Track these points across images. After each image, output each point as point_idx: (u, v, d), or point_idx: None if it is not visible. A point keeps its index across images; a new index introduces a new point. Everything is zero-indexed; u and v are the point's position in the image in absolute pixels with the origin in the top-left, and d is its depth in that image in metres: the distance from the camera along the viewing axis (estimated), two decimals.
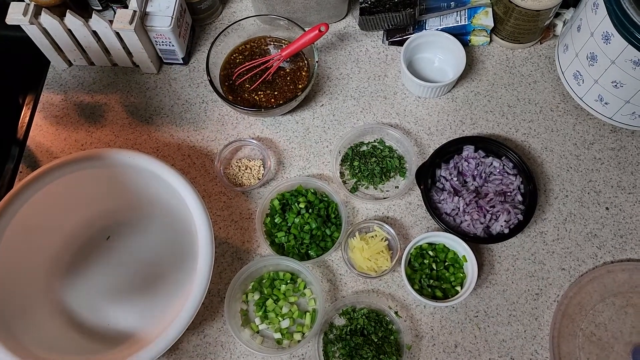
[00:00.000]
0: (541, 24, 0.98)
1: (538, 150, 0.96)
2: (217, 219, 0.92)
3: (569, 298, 0.85)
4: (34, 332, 0.79)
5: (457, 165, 0.92)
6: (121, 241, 0.90)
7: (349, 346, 0.82)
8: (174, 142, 0.98)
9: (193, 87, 1.03)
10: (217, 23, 1.08)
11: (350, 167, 0.95)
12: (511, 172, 0.90)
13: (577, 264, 0.88)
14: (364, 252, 0.87)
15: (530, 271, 0.88)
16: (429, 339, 0.84)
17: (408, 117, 0.99)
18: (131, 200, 0.89)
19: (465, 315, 0.86)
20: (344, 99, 1.01)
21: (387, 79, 1.02)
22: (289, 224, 0.88)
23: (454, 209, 0.88)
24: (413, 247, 0.87)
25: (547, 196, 0.93)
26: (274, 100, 0.97)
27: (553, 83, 1.01)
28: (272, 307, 0.85)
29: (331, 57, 1.04)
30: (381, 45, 1.05)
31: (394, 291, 0.87)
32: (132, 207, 0.90)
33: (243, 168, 0.94)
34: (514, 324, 0.85)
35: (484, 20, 1.00)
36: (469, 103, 1.00)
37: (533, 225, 0.91)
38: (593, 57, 0.87)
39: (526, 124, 0.98)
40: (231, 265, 0.90)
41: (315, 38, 0.92)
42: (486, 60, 1.03)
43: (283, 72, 0.99)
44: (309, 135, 0.98)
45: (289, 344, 0.84)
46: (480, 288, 0.87)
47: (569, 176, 0.94)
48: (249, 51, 1.00)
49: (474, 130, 0.98)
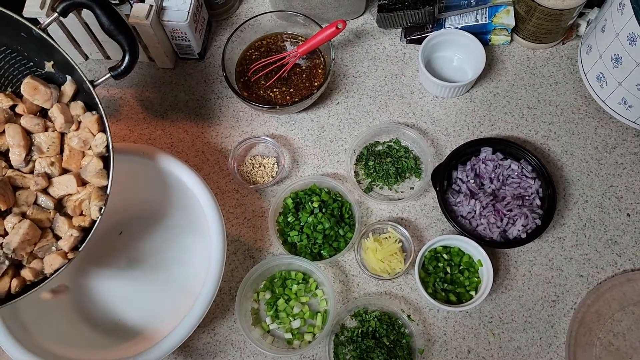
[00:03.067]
0: (564, 24, 0.95)
1: (558, 153, 0.94)
2: (229, 216, 0.92)
3: (587, 306, 0.83)
4: (46, 326, 0.79)
5: (474, 167, 0.90)
6: (133, 237, 0.90)
7: (360, 348, 0.81)
8: (188, 137, 0.98)
9: (208, 82, 1.02)
10: (234, 18, 1.07)
11: (365, 166, 0.94)
12: (530, 176, 0.88)
13: (596, 271, 0.86)
14: (377, 253, 0.85)
15: (547, 277, 0.86)
16: (442, 343, 0.83)
17: (425, 117, 0.97)
18: (144, 195, 0.88)
19: (479, 321, 0.84)
20: (360, 98, 0.99)
21: (404, 77, 1.01)
22: (302, 223, 0.88)
23: (470, 212, 0.87)
24: (427, 250, 0.85)
25: (566, 201, 0.91)
26: (289, 97, 0.96)
27: (575, 85, 0.98)
28: (284, 307, 0.84)
29: (348, 54, 1.03)
30: (399, 43, 1.03)
31: (407, 294, 0.86)
32: (145, 202, 0.89)
33: (257, 166, 0.94)
34: (530, 330, 0.83)
35: (505, 19, 0.98)
36: (488, 104, 0.98)
37: (551, 230, 0.89)
38: (618, 59, 0.85)
39: (546, 126, 0.96)
40: (243, 263, 0.89)
41: (333, 35, 0.91)
42: (506, 60, 1.01)
43: (299, 69, 0.98)
44: (324, 134, 0.97)
45: (299, 344, 0.83)
46: (495, 293, 0.85)
47: (590, 181, 0.92)
48: (265, 47, 0.99)
49: (492, 131, 0.96)
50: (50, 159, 0.70)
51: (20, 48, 0.69)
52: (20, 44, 0.70)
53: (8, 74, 0.71)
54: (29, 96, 0.69)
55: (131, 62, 0.73)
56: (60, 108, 0.70)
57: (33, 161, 0.70)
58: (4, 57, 0.70)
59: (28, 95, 0.69)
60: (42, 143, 0.70)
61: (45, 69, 0.70)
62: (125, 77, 0.74)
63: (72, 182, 0.69)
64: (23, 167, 0.70)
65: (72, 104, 0.71)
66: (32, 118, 0.69)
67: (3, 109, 0.69)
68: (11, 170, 0.70)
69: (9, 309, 0.75)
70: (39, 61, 0.70)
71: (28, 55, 0.69)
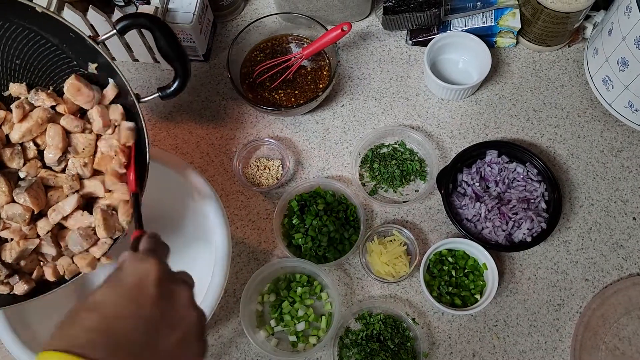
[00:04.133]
0: (570, 27, 0.95)
1: (564, 156, 0.94)
2: (234, 218, 0.92)
3: (592, 310, 0.83)
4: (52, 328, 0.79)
5: (480, 170, 0.90)
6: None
7: (365, 351, 0.81)
8: (192, 139, 0.98)
9: (213, 84, 1.02)
10: (239, 20, 1.07)
11: (370, 169, 0.93)
12: (535, 179, 0.88)
13: (602, 275, 0.86)
14: (382, 256, 0.85)
15: (552, 281, 0.86)
16: (446, 347, 0.83)
17: (430, 119, 0.97)
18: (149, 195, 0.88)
19: (484, 324, 0.84)
20: (365, 100, 0.99)
21: (409, 80, 1.00)
22: (306, 225, 0.87)
23: (475, 215, 0.87)
24: (432, 253, 0.85)
25: (571, 204, 0.90)
26: (294, 99, 0.96)
27: (581, 88, 0.98)
28: (288, 310, 0.84)
29: (353, 56, 1.03)
30: (404, 45, 1.03)
31: (412, 297, 0.86)
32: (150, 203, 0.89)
33: (262, 168, 0.94)
34: (535, 334, 0.83)
35: (511, 22, 0.97)
36: (493, 106, 0.98)
37: (556, 233, 0.88)
38: (624, 62, 0.85)
39: (552, 129, 0.95)
40: (247, 265, 0.89)
41: (338, 37, 0.91)
42: (512, 63, 1.01)
43: (304, 71, 0.98)
44: (328, 136, 0.97)
45: (304, 347, 0.83)
46: (500, 297, 0.85)
47: (595, 184, 0.91)
48: (270, 49, 0.99)
49: (497, 134, 0.96)
50: (83, 160, 0.70)
51: (66, 47, 0.68)
52: (67, 43, 0.69)
53: (50, 71, 0.70)
54: (71, 96, 0.69)
55: (181, 87, 0.74)
56: (100, 111, 0.69)
57: (66, 160, 0.70)
58: (49, 54, 0.69)
59: (70, 95, 0.69)
60: (78, 144, 0.70)
61: (88, 70, 0.69)
62: (171, 99, 0.76)
63: (100, 187, 0.70)
64: (55, 165, 0.70)
65: (112, 106, 0.70)
66: (73, 120, 0.69)
67: (45, 108, 0.69)
68: (44, 170, 0.70)
69: (15, 312, 0.75)
70: (82, 62, 0.69)
71: (73, 55, 0.69)
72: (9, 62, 0.69)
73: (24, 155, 0.69)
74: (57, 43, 0.68)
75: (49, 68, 0.70)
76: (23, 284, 0.67)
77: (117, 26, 0.69)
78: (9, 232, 0.66)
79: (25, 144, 0.69)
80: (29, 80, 0.71)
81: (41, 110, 0.68)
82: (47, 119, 0.68)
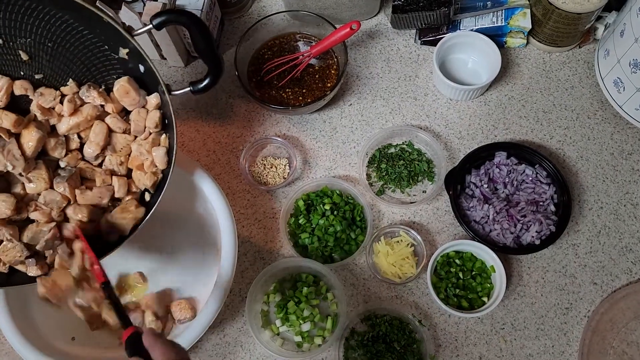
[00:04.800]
0: (581, 28, 0.94)
1: (573, 158, 0.93)
2: (240, 217, 0.91)
3: (601, 314, 0.82)
4: (55, 324, 0.79)
5: (488, 172, 0.89)
6: (143, 236, 0.89)
7: (371, 353, 0.80)
8: (199, 137, 0.97)
9: (220, 82, 1.01)
10: (247, 17, 1.06)
11: (377, 169, 0.93)
12: (544, 181, 0.87)
13: (610, 279, 0.85)
14: (388, 257, 0.85)
15: (560, 284, 0.85)
16: (453, 349, 0.82)
17: (438, 119, 0.96)
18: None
19: (491, 327, 0.83)
20: (373, 99, 0.99)
21: (418, 79, 1.00)
22: (313, 225, 0.87)
23: (483, 217, 0.86)
24: (440, 255, 0.84)
25: (580, 207, 0.90)
26: (302, 98, 0.95)
27: (591, 89, 0.97)
28: (294, 310, 0.83)
29: (361, 55, 1.02)
30: (413, 44, 1.02)
31: (418, 299, 0.85)
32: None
33: (268, 166, 0.93)
34: (542, 338, 0.82)
35: (522, 22, 0.96)
36: (503, 107, 0.97)
37: (565, 236, 0.88)
38: (636, 64, 0.84)
39: (561, 131, 0.95)
40: (253, 264, 0.89)
41: (346, 36, 0.90)
42: (522, 64, 1.00)
43: (312, 70, 0.97)
44: (336, 135, 0.96)
45: (309, 347, 0.82)
46: (507, 299, 0.84)
47: (605, 187, 0.91)
48: (278, 47, 0.99)
49: (506, 135, 0.95)
50: (120, 158, 0.73)
51: (99, 32, 0.69)
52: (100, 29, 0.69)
53: (82, 55, 0.70)
54: (119, 96, 0.71)
55: (212, 84, 0.76)
56: (140, 115, 0.72)
57: (103, 156, 0.73)
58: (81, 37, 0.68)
59: (118, 96, 0.71)
60: (117, 143, 0.73)
61: (119, 54, 0.70)
62: (201, 94, 0.77)
63: (124, 187, 0.73)
64: (92, 160, 0.73)
65: (152, 112, 0.73)
66: (118, 120, 0.72)
67: (95, 105, 0.71)
68: (83, 162, 0.73)
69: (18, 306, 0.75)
70: (113, 46, 0.70)
71: (104, 39, 0.69)
72: (42, 45, 0.69)
73: (66, 146, 0.72)
74: (89, 28, 0.68)
75: (81, 52, 0.70)
76: (37, 270, 0.69)
77: (154, 21, 0.69)
78: (39, 214, 0.69)
79: (70, 136, 0.72)
80: (59, 64, 0.71)
81: (91, 107, 0.71)
82: (95, 116, 0.71)
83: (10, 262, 0.68)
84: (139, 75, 0.72)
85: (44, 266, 0.70)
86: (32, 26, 0.67)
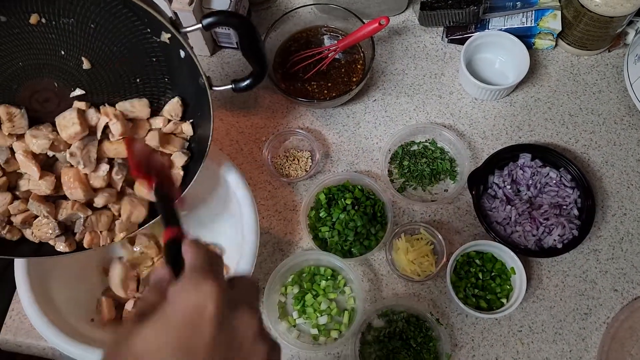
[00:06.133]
0: (612, 32, 0.93)
1: (598, 163, 0.92)
2: (260, 208, 0.91)
3: (620, 321, 0.82)
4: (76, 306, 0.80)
5: (512, 173, 0.88)
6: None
7: (387, 349, 0.80)
8: (222, 126, 0.97)
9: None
10: (274, 9, 1.06)
11: (400, 166, 0.93)
12: (568, 185, 0.87)
13: (631, 286, 0.84)
14: (408, 254, 0.85)
15: (580, 289, 0.85)
16: (469, 349, 0.82)
17: (463, 118, 0.96)
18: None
19: (508, 329, 0.83)
20: (397, 96, 0.98)
21: (443, 77, 0.99)
22: (333, 219, 0.87)
23: (505, 218, 0.85)
24: (460, 254, 0.84)
25: (604, 212, 0.89)
26: (327, 92, 0.95)
27: (619, 94, 0.96)
28: (311, 302, 0.83)
29: (387, 51, 1.02)
30: (440, 42, 1.02)
31: (436, 297, 0.85)
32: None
33: (291, 158, 0.93)
34: (560, 342, 0.82)
35: (552, 24, 0.95)
36: (528, 109, 0.96)
37: (587, 241, 0.87)
38: None
39: (587, 135, 0.94)
40: (272, 255, 0.89)
41: (375, 31, 0.90)
42: (549, 65, 0.99)
43: (338, 64, 0.97)
44: (359, 130, 0.96)
45: (325, 340, 0.82)
46: (526, 302, 0.84)
47: (629, 194, 0.90)
48: (304, 40, 0.98)
49: (531, 137, 0.94)
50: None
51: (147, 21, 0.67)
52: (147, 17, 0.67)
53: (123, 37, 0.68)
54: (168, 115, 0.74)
55: (254, 84, 0.76)
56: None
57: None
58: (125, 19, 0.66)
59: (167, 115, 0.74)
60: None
61: (161, 38, 0.69)
62: (243, 93, 0.77)
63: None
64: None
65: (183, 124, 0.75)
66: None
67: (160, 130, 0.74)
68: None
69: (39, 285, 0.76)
70: (156, 31, 0.68)
71: (147, 22, 0.67)
72: (85, 26, 0.67)
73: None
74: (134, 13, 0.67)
75: (123, 33, 0.68)
76: (65, 246, 0.71)
77: (204, 22, 0.69)
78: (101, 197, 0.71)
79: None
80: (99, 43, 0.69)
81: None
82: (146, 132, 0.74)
83: (41, 237, 0.70)
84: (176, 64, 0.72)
85: (72, 243, 0.71)
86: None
